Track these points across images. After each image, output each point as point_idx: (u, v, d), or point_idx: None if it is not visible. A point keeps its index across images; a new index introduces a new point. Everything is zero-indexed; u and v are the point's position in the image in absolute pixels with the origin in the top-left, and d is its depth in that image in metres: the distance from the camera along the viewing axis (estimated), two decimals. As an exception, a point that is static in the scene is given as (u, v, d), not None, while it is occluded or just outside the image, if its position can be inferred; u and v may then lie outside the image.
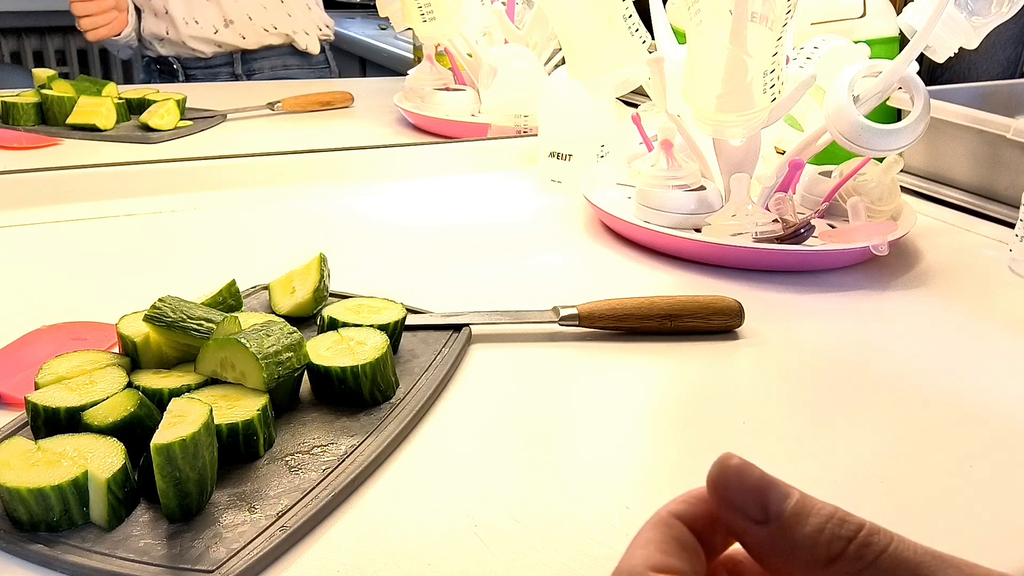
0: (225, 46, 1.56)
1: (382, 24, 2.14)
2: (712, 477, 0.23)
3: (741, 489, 0.23)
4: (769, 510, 0.22)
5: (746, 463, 0.23)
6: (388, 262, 0.78)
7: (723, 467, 0.23)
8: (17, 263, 0.77)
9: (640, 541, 0.23)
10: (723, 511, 0.23)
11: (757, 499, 0.22)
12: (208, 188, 0.95)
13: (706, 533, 0.24)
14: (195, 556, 0.40)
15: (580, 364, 0.62)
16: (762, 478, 0.23)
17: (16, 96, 1.15)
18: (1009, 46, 1.14)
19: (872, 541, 0.21)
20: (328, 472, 0.46)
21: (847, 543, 0.21)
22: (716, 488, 0.23)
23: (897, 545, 0.21)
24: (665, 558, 0.23)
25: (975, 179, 0.94)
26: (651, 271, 0.78)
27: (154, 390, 0.48)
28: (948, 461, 0.52)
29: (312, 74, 1.67)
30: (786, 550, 0.22)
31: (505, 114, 1.11)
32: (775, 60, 0.71)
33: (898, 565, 0.21)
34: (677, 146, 0.83)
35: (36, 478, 0.41)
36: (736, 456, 0.23)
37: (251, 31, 1.56)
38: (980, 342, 0.67)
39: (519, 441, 0.52)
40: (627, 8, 0.86)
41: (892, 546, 0.21)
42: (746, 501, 0.23)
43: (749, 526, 0.23)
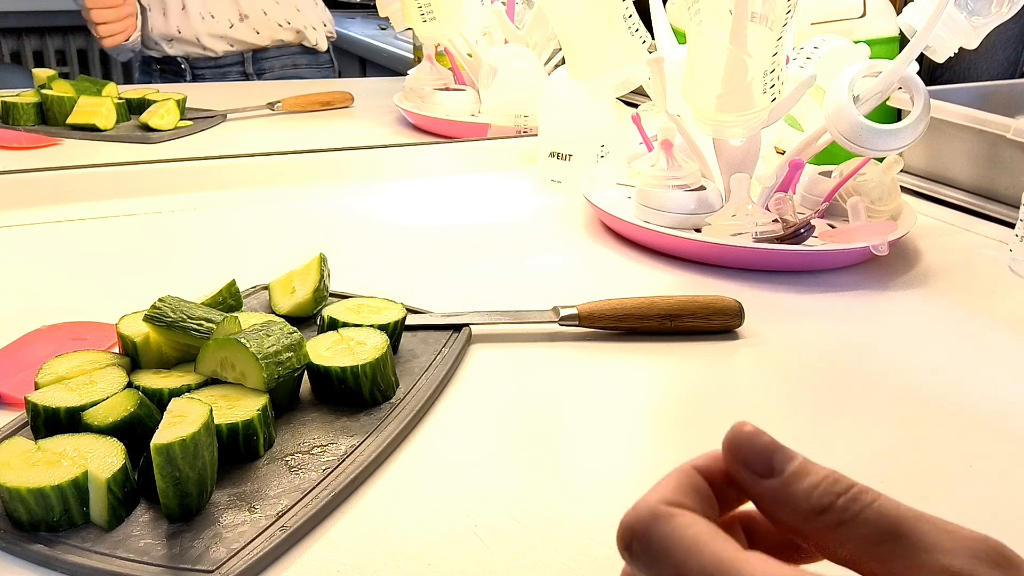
0: (237, 43, 1.56)
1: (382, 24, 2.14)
2: (727, 439, 0.27)
3: (752, 450, 0.26)
4: (774, 468, 0.26)
5: (758, 429, 0.27)
6: (388, 262, 0.78)
7: (738, 431, 0.27)
8: (17, 263, 0.77)
9: (660, 484, 0.27)
10: (735, 468, 0.27)
11: (765, 459, 0.26)
12: (208, 188, 0.95)
13: (721, 487, 0.27)
14: (195, 556, 0.40)
15: (580, 364, 0.62)
16: (771, 442, 0.26)
17: (16, 96, 1.15)
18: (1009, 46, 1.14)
19: (859, 497, 0.25)
20: (328, 472, 0.46)
21: (837, 497, 0.25)
22: (730, 448, 0.27)
23: (882, 502, 0.24)
24: (676, 495, 0.26)
25: (975, 179, 0.94)
26: (651, 271, 0.78)
27: (154, 390, 0.48)
28: (948, 461, 0.52)
29: (319, 73, 1.67)
30: (786, 502, 0.25)
31: (505, 114, 1.11)
32: (775, 60, 0.71)
33: (880, 517, 0.24)
34: (677, 146, 0.83)
35: (36, 478, 0.41)
36: (750, 423, 0.27)
37: (265, 26, 1.56)
38: (980, 342, 0.67)
39: (519, 441, 0.52)
40: (627, 8, 0.86)
41: (877, 502, 0.24)
42: (755, 460, 0.26)
43: (756, 481, 0.26)
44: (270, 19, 1.56)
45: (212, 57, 1.57)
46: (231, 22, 1.54)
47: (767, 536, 0.29)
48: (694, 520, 0.25)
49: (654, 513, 0.25)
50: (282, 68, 1.63)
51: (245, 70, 1.60)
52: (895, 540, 0.24)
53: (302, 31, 1.60)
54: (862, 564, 0.25)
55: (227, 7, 1.53)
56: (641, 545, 0.25)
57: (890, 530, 0.24)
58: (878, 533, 0.24)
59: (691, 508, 0.26)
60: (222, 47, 1.56)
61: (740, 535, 0.29)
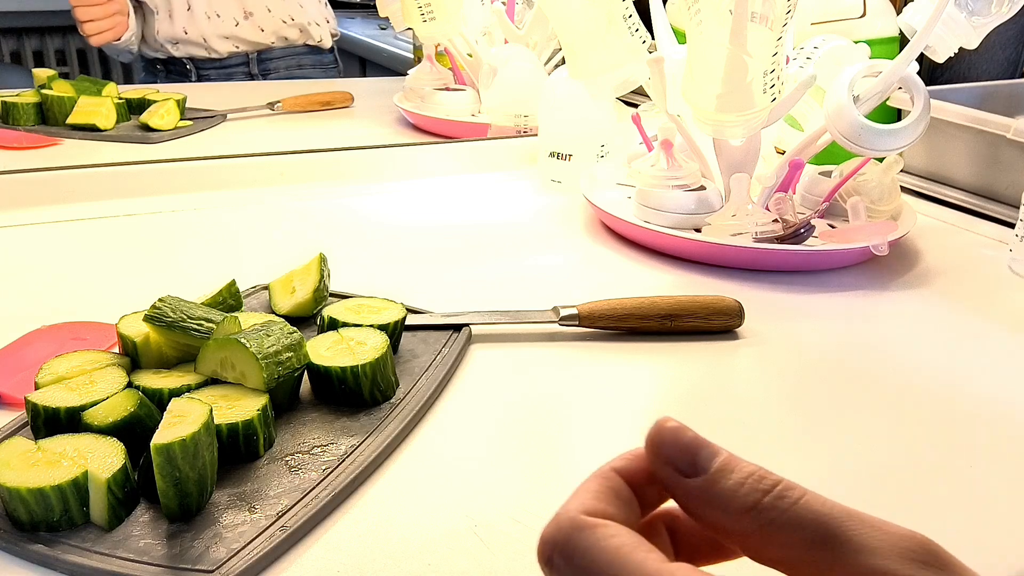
0: (242, 43, 1.56)
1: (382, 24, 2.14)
2: (650, 436, 0.26)
3: (675, 447, 0.25)
4: (698, 465, 0.25)
5: (682, 425, 0.26)
6: (388, 262, 0.78)
7: (660, 428, 0.26)
8: (17, 263, 0.77)
9: (579, 491, 0.26)
10: (658, 466, 0.26)
11: (688, 456, 0.25)
12: (208, 188, 0.95)
13: (643, 487, 0.27)
14: (195, 556, 0.40)
15: (580, 364, 0.62)
16: (695, 438, 0.26)
17: (16, 96, 1.15)
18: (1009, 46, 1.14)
19: (785, 495, 0.24)
20: (328, 472, 0.46)
21: (763, 495, 0.24)
22: (652, 445, 0.26)
23: (808, 499, 0.24)
24: (597, 503, 0.25)
25: (975, 179, 0.94)
26: (651, 271, 0.78)
27: (154, 390, 0.48)
28: (948, 460, 0.52)
29: (324, 74, 1.68)
30: (711, 501, 0.25)
31: (505, 114, 1.11)
32: (775, 60, 0.71)
33: (807, 515, 0.23)
34: (677, 146, 0.83)
35: (36, 478, 0.41)
36: (673, 419, 0.26)
37: (268, 23, 1.56)
38: (980, 342, 0.67)
39: (519, 441, 0.52)
40: (627, 8, 0.86)
41: (803, 500, 0.24)
42: (678, 457, 0.25)
43: (680, 480, 0.25)
44: (274, 16, 1.57)
45: (217, 58, 1.57)
46: (236, 20, 1.54)
47: (691, 535, 0.28)
48: (617, 531, 0.24)
49: (575, 524, 0.24)
50: (287, 69, 1.63)
51: (250, 71, 1.61)
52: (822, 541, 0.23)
53: (306, 28, 1.60)
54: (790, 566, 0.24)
55: (232, 5, 1.54)
56: (563, 558, 0.24)
57: (816, 530, 0.23)
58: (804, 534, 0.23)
59: (613, 515, 0.25)
60: (227, 47, 1.56)
61: (663, 535, 0.28)
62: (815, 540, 0.23)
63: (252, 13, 1.55)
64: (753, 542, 0.24)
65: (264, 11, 1.56)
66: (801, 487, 0.24)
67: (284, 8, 1.57)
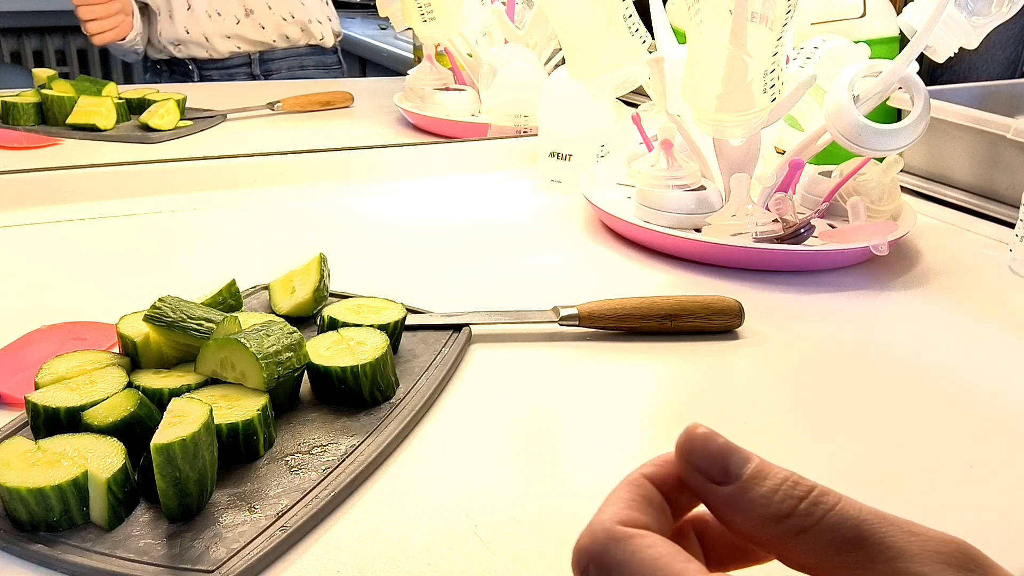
0: (244, 43, 1.56)
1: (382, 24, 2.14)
2: (680, 444, 0.26)
3: (705, 454, 0.25)
4: (730, 472, 0.25)
5: (711, 432, 0.25)
6: (388, 262, 0.78)
7: (690, 435, 0.25)
8: (17, 263, 0.77)
9: (612, 499, 0.25)
10: (688, 474, 0.25)
11: (719, 463, 0.25)
12: (208, 188, 0.95)
13: (674, 493, 0.26)
14: (195, 556, 0.40)
15: (580, 364, 0.62)
16: (725, 444, 0.25)
17: (16, 96, 1.15)
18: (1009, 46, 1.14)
19: (821, 501, 0.23)
20: (328, 472, 0.46)
21: (798, 502, 0.24)
22: (683, 453, 0.25)
23: (844, 505, 0.23)
24: (632, 513, 0.25)
25: (975, 179, 0.94)
26: (651, 271, 0.78)
27: (154, 390, 0.48)
28: (948, 460, 0.52)
29: (327, 74, 1.68)
30: (744, 508, 0.24)
31: (505, 114, 1.11)
32: (775, 60, 0.71)
33: (843, 522, 0.23)
34: (677, 146, 0.83)
35: (36, 478, 0.41)
36: (703, 425, 0.26)
37: (269, 20, 1.56)
38: (980, 342, 0.67)
39: (519, 441, 0.52)
40: (627, 8, 0.86)
41: (839, 505, 0.23)
42: (709, 465, 0.25)
43: (711, 488, 0.25)
44: (275, 13, 1.57)
45: (219, 59, 1.57)
46: (237, 18, 1.54)
47: (720, 539, 0.28)
48: (654, 541, 0.24)
49: (611, 535, 0.24)
50: (289, 69, 1.63)
51: (252, 71, 1.60)
52: (859, 547, 0.23)
53: (307, 26, 1.60)
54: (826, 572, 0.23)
55: (232, 3, 1.53)
56: (599, 570, 0.24)
57: (853, 536, 0.23)
58: (841, 540, 0.23)
59: (647, 525, 0.25)
60: (229, 47, 1.56)
61: (693, 541, 0.28)
62: (850, 545, 0.23)
63: (252, 11, 1.55)
64: (787, 549, 0.24)
65: (264, 8, 1.56)
66: (836, 493, 0.24)
67: (284, 5, 1.57)
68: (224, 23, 1.54)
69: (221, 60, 1.57)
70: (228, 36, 1.55)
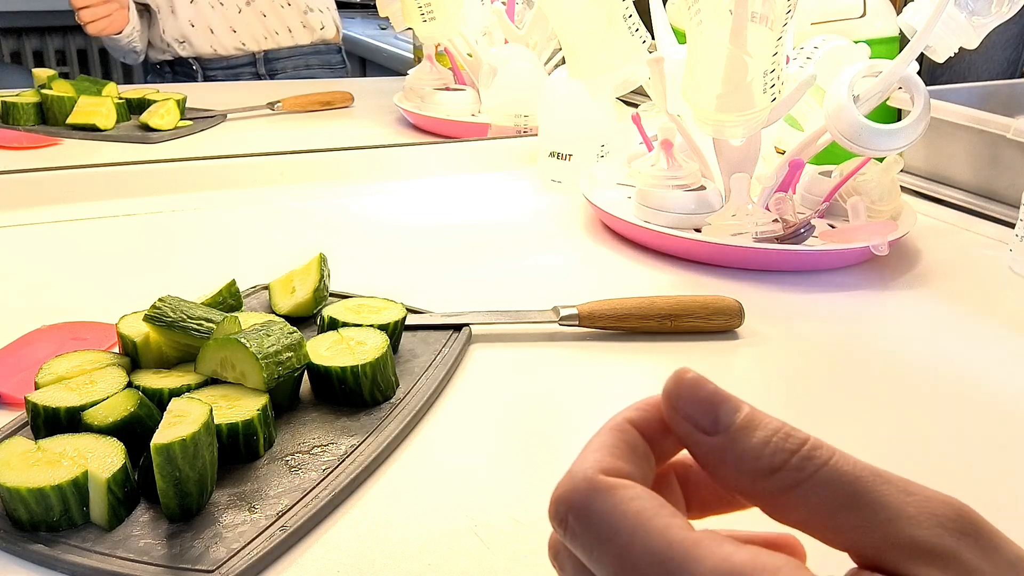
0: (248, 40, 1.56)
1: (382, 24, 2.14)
2: (667, 389, 0.24)
3: (694, 401, 0.24)
4: (719, 422, 0.23)
5: (701, 377, 0.24)
6: (388, 262, 0.78)
7: (679, 379, 0.24)
8: (17, 263, 0.77)
9: (593, 444, 0.24)
10: (675, 422, 0.24)
11: (708, 411, 0.23)
12: (208, 188, 0.95)
13: (658, 438, 0.25)
14: (195, 556, 0.40)
15: (580, 364, 0.62)
16: (715, 391, 0.24)
17: (16, 96, 1.15)
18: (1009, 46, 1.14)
19: (814, 455, 0.22)
20: (328, 472, 0.46)
21: (790, 455, 0.22)
22: (670, 399, 0.24)
23: (838, 460, 0.22)
24: (615, 461, 0.24)
25: (975, 179, 0.94)
26: (651, 271, 0.78)
27: (154, 390, 0.48)
28: (948, 460, 0.52)
29: (332, 74, 1.68)
30: (732, 461, 0.23)
31: (505, 114, 1.11)
32: (775, 60, 0.71)
33: (837, 478, 0.22)
34: (677, 146, 0.83)
35: (36, 478, 0.41)
36: (692, 371, 0.24)
37: (270, 8, 1.56)
38: (980, 342, 0.67)
39: (519, 441, 0.52)
40: (627, 8, 0.86)
41: (833, 460, 0.22)
42: (698, 413, 0.24)
43: (699, 437, 0.23)
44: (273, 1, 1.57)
45: (224, 56, 1.57)
46: (239, 7, 1.54)
47: (703, 485, 0.27)
48: (637, 494, 0.22)
49: (592, 485, 0.23)
50: (295, 68, 1.63)
51: (257, 71, 1.60)
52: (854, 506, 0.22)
53: (305, 18, 1.60)
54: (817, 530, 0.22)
55: None
56: (580, 522, 0.23)
57: (848, 493, 0.22)
58: (835, 497, 0.22)
59: (630, 474, 0.23)
60: (234, 42, 1.56)
61: (675, 487, 0.27)
62: (845, 504, 0.22)
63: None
64: (776, 504, 0.23)
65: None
66: (830, 446, 0.22)
67: None
68: (227, 12, 1.54)
69: (226, 59, 1.57)
70: (233, 29, 1.55)
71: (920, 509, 0.21)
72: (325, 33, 1.64)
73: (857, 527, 0.22)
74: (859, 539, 0.22)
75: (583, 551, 0.23)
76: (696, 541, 0.21)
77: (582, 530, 0.23)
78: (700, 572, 0.21)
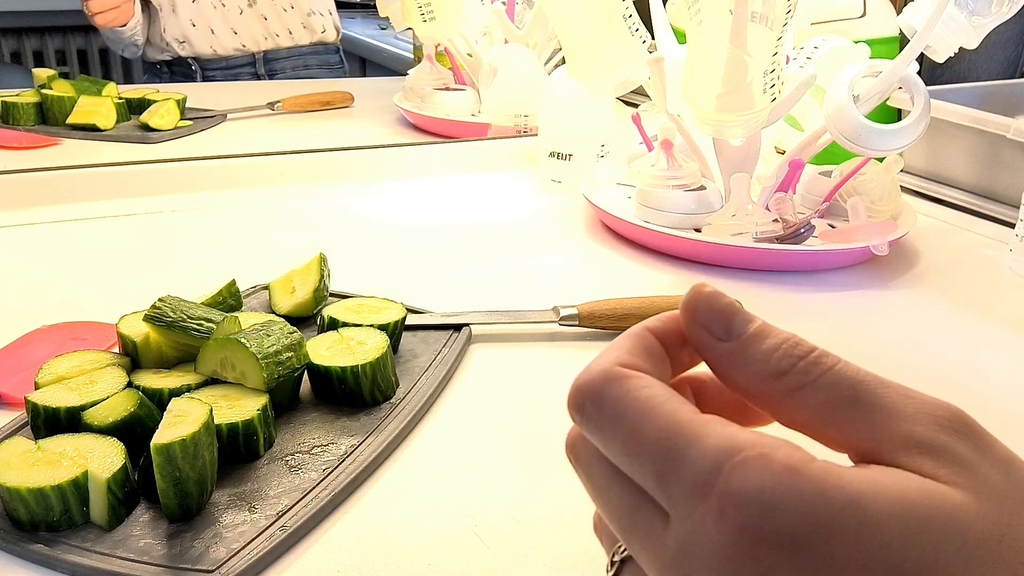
0: (248, 40, 1.56)
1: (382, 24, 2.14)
2: (686, 299, 0.26)
3: (710, 310, 0.26)
4: (732, 330, 0.25)
5: (717, 291, 0.26)
6: (388, 262, 0.78)
7: (697, 292, 0.26)
8: (17, 263, 0.77)
9: (613, 346, 0.26)
10: (691, 330, 0.26)
11: (723, 320, 0.25)
12: (208, 188, 0.95)
13: (675, 348, 0.27)
14: (195, 556, 0.40)
15: (580, 364, 0.61)
16: (730, 304, 0.26)
17: (16, 96, 1.15)
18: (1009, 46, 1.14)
19: (820, 361, 0.24)
20: (328, 472, 0.46)
21: (797, 360, 0.24)
22: (688, 308, 0.26)
23: (842, 366, 0.24)
24: (633, 359, 0.25)
25: (975, 179, 0.94)
26: (651, 271, 0.78)
27: (154, 390, 0.48)
28: (948, 461, 0.52)
29: (331, 74, 1.68)
30: (743, 364, 0.25)
31: (505, 114, 1.11)
32: (775, 60, 0.71)
33: (840, 380, 0.24)
34: (677, 146, 0.83)
35: (36, 478, 0.41)
36: (709, 285, 0.26)
37: (271, 10, 1.56)
38: (980, 342, 0.67)
39: (519, 441, 0.52)
40: (627, 8, 0.86)
41: (838, 366, 0.24)
42: (713, 321, 0.25)
43: (713, 342, 0.25)
44: (276, 3, 1.57)
45: (224, 56, 1.57)
46: (240, 8, 1.54)
47: (716, 400, 0.28)
48: (650, 382, 0.24)
49: (608, 375, 0.25)
50: (293, 69, 1.63)
51: (256, 71, 1.60)
52: (854, 405, 0.23)
53: (307, 20, 1.60)
54: (819, 430, 0.24)
55: None
56: (595, 406, 0.25)
57: (850, 395, 0.23)
58: (837, 398, 0.23)
59: (645, 370, 0.25)
60: (235, 43, 1.56)
61: (690, 398, 0.28)
62: (846, 403, 0.23)
63: (255, 1, 1.55)
64: (783, 405, 0.24)
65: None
66: (835, 356, 0.24)
67: None
68: (229, 14, 1.54)
69: (225, 59, 1.57)
70: (234, 30, 1.55)
71: (917, 409, 0.23)
72: (326, 36, 1.64)
73: (856, 424, 0.23)
74: (858, 436, 0.23)
75: (598, 434, 0.25)
76: (704, 422, 0.23)
77: (597, 415, 0.25)
78: (706, 446, 0.22)
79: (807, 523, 0.21)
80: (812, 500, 0.21)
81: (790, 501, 0.21)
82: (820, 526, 0.21)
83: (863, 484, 0.21)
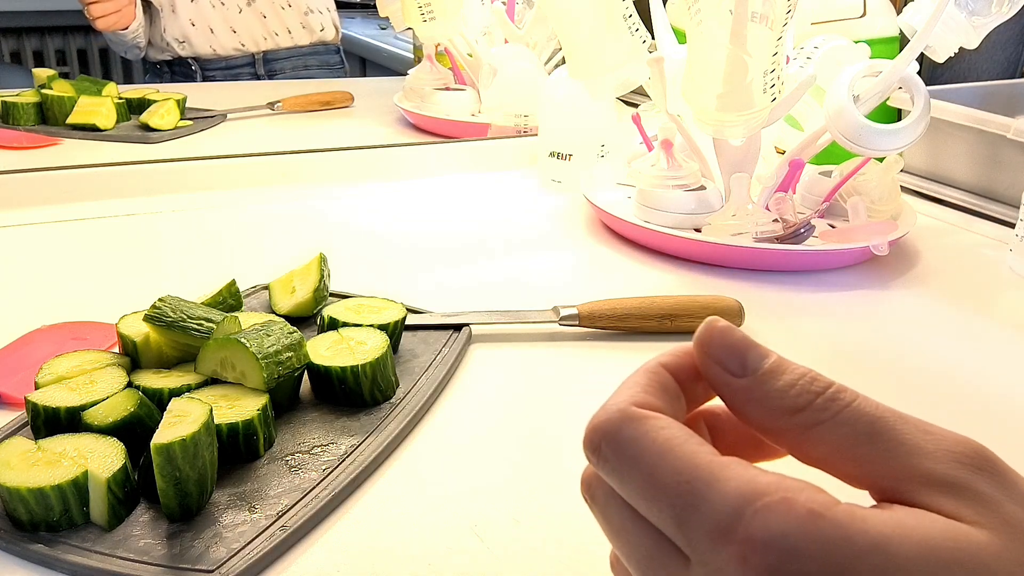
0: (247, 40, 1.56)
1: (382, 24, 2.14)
2: (699, 334, 0.26)
3: (724, 346, 0.25)
4: (747, 365, 0.25)
5: (731, 326, 0.25)
6: (388, 262, 0.78)
7: (710, 327, 0.25)
8: (17, 263, 0.77)
9: (628, 383, 0.26)
10: (706, 366, 0.25)
11: (738, 355, 0.25)
12: (208, 188, 0.95)
13: (689, 383, 0.26)
14: (195, 556, 0.40)
15: (580, 364, 0.62)
16: (744, 338, 0.25)
17: (16, 96, 1.15)
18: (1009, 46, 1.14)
19: (838, 397, 0.24)
20: (328, 472, 0.46)
21: (815, 396, 0.24)
22: (702, 344, 0.25)
23: (860, 402, 0.24)
24: (648, 397, 0.25)
25: (975, 179, 0.94)
26: (651, 271, 0.78)
27: (154, 390, 0.48)
28: (948, 461, 0.52)
29: (331, 74, 1.68)
30: (760, 400, 0.24)
31: (505, 114, 1.11)
32: (775, 60, 0.71)
33: (859, 417, 0.23)
34: (677, 146, 0.83)
35: (36, 478, 0.41)
36: (723, 320, 0.26)
37: (270, 9, 1.56)
38: (980, 341, 0.67)
39: (519, 441, 0.52)
40: (627, 8, 0.86)
41: (856, 402, 0.23)
42: (727, 356, 0.25)
43: (728, 379, 0.25)
44: (274, 1, 1.57)
45: (223, 56, 1.57)
46: (239, 7, 1.54)
47: (732, 433, 0.28)
48: (668, 423, 0.24)
49: (625, 415, 0.24)
50: (293, 69, 1.63)
51: (256, 71, 1.60)
52: (873, 442, 0.23)
53: (305, 19, 1.60)
54: (837, 466, 0.23)
55: None
56: (612, 448, 0.24)
57: (868, 431, 0.23)
58: (856, 434, 0.23)
59: (660, 409, 0.25)
60: (234, 43, 1.56)
61: (705, 433, 0.28)
62: (865, 439, 0.23)
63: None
64: (801, 441, 0.24)
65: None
66: (853, 391, 0.24)
67: None
68: (228, 13, 1.54)
69: (225, 59, 1.57)
70: (233, 29, 1.55)
71: (937, 446, 0.23)
72: (325, 35, 1.64)
73: (875, 461, 0.23)
74: (877, 473, 0.23)
75: (615, 476, 0.24)
76: (724, 464, 0.22)
77: (614, 455, 0.24)
78: (727, 490, 0.22)
79: (831, 568, 0.20)
80: (836, 545, 0.21)
81: (813, 546, 0.20)
82: (844, 571, 0.20)
83: (887, 527, 0.21)
